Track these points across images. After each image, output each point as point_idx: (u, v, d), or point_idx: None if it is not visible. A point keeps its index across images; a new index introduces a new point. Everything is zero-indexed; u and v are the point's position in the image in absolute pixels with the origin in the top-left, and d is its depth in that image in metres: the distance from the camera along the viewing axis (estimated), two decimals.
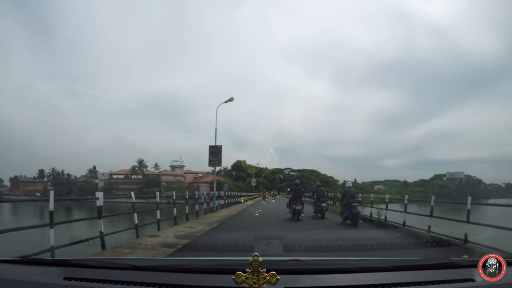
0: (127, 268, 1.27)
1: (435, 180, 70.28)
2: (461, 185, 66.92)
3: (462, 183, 68.83)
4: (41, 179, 70.64)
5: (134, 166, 70.19)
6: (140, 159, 71.57)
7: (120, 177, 69.10)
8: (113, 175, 69.40)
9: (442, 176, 72.02)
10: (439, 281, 1.17)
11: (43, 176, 71.21)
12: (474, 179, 70.75)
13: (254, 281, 1.01)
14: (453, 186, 66.55)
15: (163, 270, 1.26)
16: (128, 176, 68.21)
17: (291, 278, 1.14)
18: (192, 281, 1.15)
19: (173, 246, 5.07)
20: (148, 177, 66.79)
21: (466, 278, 1.18)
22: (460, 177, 71.02)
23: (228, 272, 1.07)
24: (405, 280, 1.17)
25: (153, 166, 71.64)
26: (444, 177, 71.62)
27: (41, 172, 71.57)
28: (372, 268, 1.27)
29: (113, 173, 69.66)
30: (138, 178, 68.12)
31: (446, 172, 71.17)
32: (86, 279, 1.19)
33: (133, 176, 67.15)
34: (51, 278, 1.24)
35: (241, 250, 3.92)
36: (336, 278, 1.17)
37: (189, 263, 1.35)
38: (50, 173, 71.38)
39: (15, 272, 1.31)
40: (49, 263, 1.40)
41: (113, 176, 69.19)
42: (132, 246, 5.15)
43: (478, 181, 70.57)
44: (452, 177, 71.04)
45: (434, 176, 72.81)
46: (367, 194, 13.43)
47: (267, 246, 2.53)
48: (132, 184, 64.33)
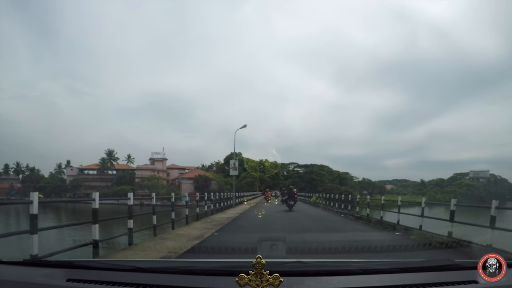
0: (130, 270, 1.43)
1: (458, 180, 70.88)
2: (489, 185, 67.54)
3: (490, 182, 69.50)
4: (6, 175, 66.54)
5: (104, 158, 64.73)
6: (109, 150, 65.88)
7: (91, 173, 65.44)
8: (84, 170, 65.56)
9: (463, 175, 72.88)
10: (442, 283, 1.31)
11: (8, 172, 66.90)
12: (499, 178, 71.24)
13: (258, 283, 1.14)
14: (480, 186, 67.32)
15: (166, 272, 1.41)
16: (105, 172, 64.00)
17: (294, 280, 1.27)
18: (195, 283, 1.29)
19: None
20: (121, 173, 62.23)
21: (470, 280, 1.32)
22: (485, 176, 71.56)
23: (231, 274, 1.21)
24: (409, 282, 1.31)
25: (125, 159, 66.44)
26: (466, 176, 72.49)
27: (6, 167, 66.99)
28: (376, 270, 1.42)
29: (83, 168, 65.79)
30: (110, 174, 64.08)
31: (470, 170, 72.66)
32: (89, 281, 1.34)
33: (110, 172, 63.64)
34: (54, 279, 1.39)
35: (244, 252, 4.35)
36: (339, 280, 1.31)
37: (192, 265, 1.50)
38: (15, 168, 67.02)
39: (18, 273, 1.48)
40: (52, 265, 1.55)
41: (85, 171, 65.21)
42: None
43: (503, 181, 71.01)
44: (476, 176, 71.59)
45: (454, 175, 74.06)
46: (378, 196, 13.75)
47: (270, 248, 2.77)
48: (102, 181, 60.69)
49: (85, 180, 62.09)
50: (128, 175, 61.20)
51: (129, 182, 57.80)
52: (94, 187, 53.47)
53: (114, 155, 65.94)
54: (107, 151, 65.68)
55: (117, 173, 63.55)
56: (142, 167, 64.42)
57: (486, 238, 5.67)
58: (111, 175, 63.93)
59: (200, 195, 13.91)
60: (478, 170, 72.80)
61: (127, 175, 61.30)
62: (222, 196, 19.07)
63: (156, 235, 8.06)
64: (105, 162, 64.66)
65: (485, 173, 72.40)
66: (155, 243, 6.70)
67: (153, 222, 8.30)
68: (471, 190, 64.31)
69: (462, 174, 74.49)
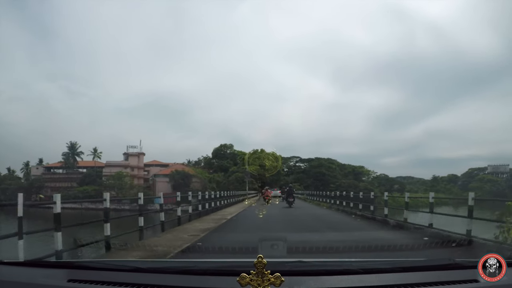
0: (131, 270, 1.57)
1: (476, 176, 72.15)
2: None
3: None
4: None
5: (67, 153, 60.59)
6: (71, 142, 60.81)
7: (58, 171, 62.01)
8: (52, 168, 62.04)
9: (480, 170, 74.34)
10: (443, 282, 1.43)
11: None
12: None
13: (259, 283, 1.25)
14: (503, 182, 68.51)
15: (167, 272, 1.55)
16: (76, 170, 60.58)
17: (296, 280, 1.40)
18: (196, 283, 1.42)
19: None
20: (90, 170, 58.65)
21: (470, 279, 1.44)
22: (505, 171, 72.40)
23: (232, 274, 1.33)
24: (410, 281, 1.43)
25: (90, 153, 61.41)
26: (482, 171, 73.92)
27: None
28: (376, 269, 1.55)
29: (48, 166, 62.19)
30: (79, 172, 60.38)
31: (488, 165, 74.00)
32: (90, 281, 1.48)
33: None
34: (55, 280, 1.54)
35: (245, 252, 4.71)
36: (340, 280, 1.44)
37: (193, 265, 1.64)
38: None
39: (19, 274, 1.63)
40: (53, 265, 1.72)
41: (53, 170, 61.69)
42: None
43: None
44: (496, 170, 72.62)
45: (470, 171, 75.47)
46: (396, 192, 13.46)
47: (271, 247, 3.06)
48: (68, 181, 57.17)
49: (49, 180, 58.36)
50: (94, 173, 57.14)
51: (95, 181, 54.33)
52: (57, 188, 50.59)
53: (77, 149, 61.30)
54: (69, 144, 60.80)
55: (87, 170, 59.90)
56: (112, 163, 58.91)
57: None
58: (77, 173, 59.82)
59: (181, 196, 12.64)
60: (497, 164, 73.85)
61: (93, 173, 57.30)
62: (207, 197, 17.28)
63: (109, 250, 6.71)
64: (69, 158, 60.91)
65: (505, 168, 73.04)
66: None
67: (105, 232, 6.95)
68: (495, 186, 64.57)
69: (478, 169, 75.68)
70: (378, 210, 14.80)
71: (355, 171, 68.90)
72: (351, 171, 68.58)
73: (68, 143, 61.26)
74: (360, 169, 70.52)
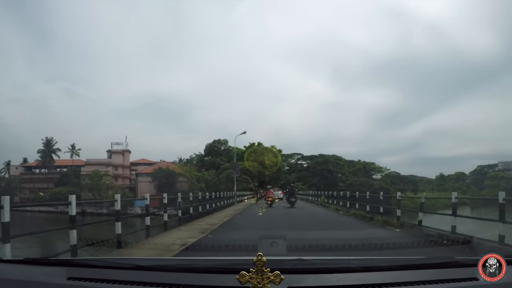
0: (131, 268, 1.64)
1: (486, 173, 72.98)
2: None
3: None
4: None
5: (42, 150, 58.68)
6: (47, 139, 58.65)
7: (36, 171, 61.23)
8: (32, 167, 61.19)
9: (490, 167, 75.17)
10: (442, 280, 1.50)
11: None
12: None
13: (258, 281, 1.32)
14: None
15: (167, 270, 1.62)
16: (54, 170, 59.27)
17: (295, 278, 1.46)
18: (196, 281, 1.49)
19: None
20: (69, 169, 56.76)
21: (470, 277, 1.50)
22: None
23: (232, 272, 1.40)
24: (409, 279, 1.49)
25: (68, 150, 59.64)
26: (492, 168, 74.77)
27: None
28: (376, 267, 1.63)
29: (27, 165, 61.41)
30: (55, 171, 59.25)
31: (498, 162, 75.05)
32: (90, 279, 1.55)
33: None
34: (55, 278, 1.61)
35: (244, 250, 4.99)
36: (340, 278, 1.51)
37: (193, 263, 1.72)
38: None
39: (18, 272, 1.70)
40: (52, 263, 1.78)
41: (34, 170, 60.64)
42: None
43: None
44: (507, 167, 73.58)
45: (479, 168, 76.39)
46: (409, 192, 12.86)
47: (270, 245, 3.21)
48: (45, 182, 55.83)
49: (27, 180, 57.09)
50: (72, 173, 55.27)
51: (71, 182, 52.07)
52: (34, 189, 51.29)
53: (53, 146, 58.98)
54: (45, 140, 58.54)
55: (67, 170, 58.16)
56: (92, 161, 56.60)
57: None
58: (55, 173, 58.74)
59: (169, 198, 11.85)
60: (508, 161, 74.71)
61: (70, 173, 55.67)
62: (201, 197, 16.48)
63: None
64: (45, 156, 59.08)
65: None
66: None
67: (71, 241, 6.35)
68: (510, 184, 62.79)
69: (488, 166, 76.57)
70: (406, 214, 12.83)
71: (366, 168, 66.19)
72: (362, 167, 65.75)
73: (43, 139, 59.09)
74: (371, 165, 68.37)
